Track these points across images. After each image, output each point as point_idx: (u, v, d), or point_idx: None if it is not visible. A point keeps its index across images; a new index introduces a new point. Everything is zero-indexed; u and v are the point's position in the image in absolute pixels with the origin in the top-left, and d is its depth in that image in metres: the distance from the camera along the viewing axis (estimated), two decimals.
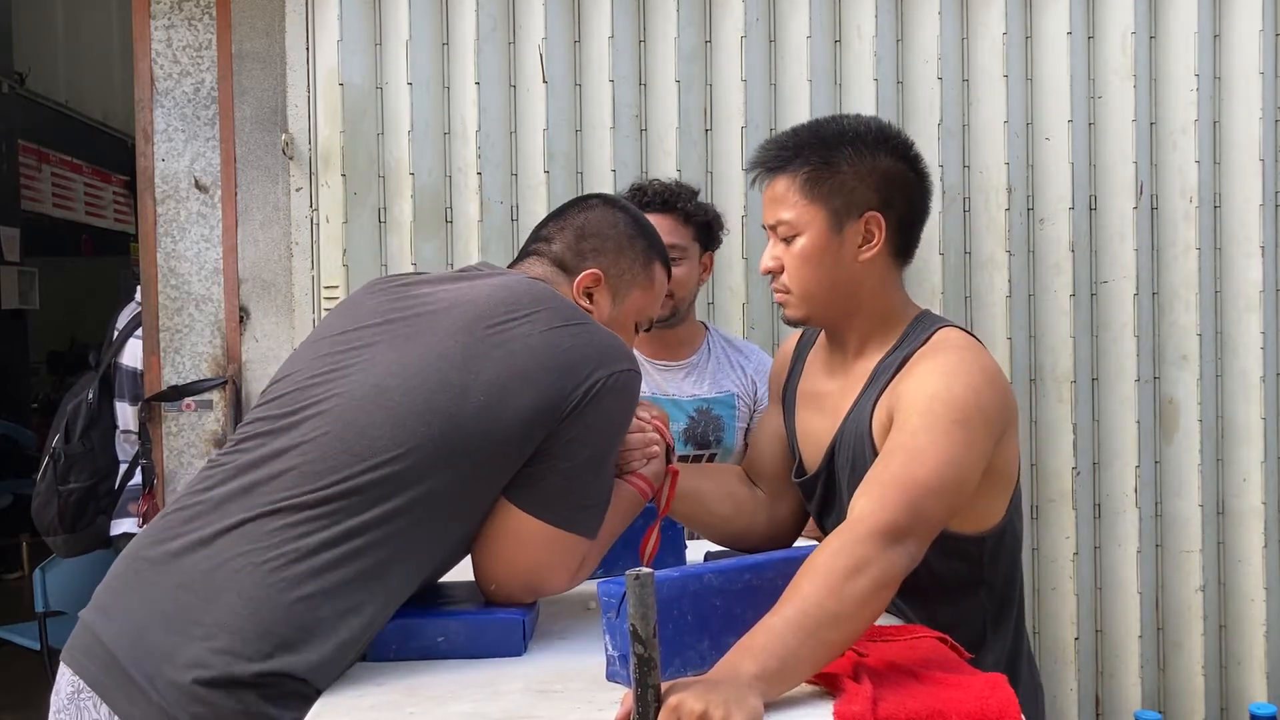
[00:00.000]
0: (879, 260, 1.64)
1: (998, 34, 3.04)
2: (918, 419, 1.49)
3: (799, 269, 1.63)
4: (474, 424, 1.40)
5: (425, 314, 1.50)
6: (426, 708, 1.28)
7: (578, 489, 1.48)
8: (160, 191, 3.03)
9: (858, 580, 1.32)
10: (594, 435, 1.47)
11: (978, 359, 1.57)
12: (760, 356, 2.66)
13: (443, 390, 1.41)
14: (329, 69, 2.91)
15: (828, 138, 1.62)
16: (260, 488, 1.39)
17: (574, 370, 1.44)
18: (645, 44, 3.03)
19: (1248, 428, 3.12)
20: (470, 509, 1.46)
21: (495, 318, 1.47)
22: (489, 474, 1.44)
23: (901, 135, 1.67)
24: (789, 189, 1.62)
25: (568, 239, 1.67)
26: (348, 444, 1.39)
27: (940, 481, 1.44)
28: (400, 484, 1.38)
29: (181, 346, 3.04)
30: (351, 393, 1.43)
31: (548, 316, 1.49)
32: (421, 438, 1.39)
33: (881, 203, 1.61)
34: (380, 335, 1.49)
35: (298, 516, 1.36)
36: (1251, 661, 3.13)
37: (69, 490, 3.17)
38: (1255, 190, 3.09)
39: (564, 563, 1.49)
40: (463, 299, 1.51)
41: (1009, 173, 3.03)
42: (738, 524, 1.81)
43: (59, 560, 3.52)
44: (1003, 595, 1.67)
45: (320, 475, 1.38)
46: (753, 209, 3.01)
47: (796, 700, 1.26)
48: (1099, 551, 3.11)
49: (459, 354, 1.43)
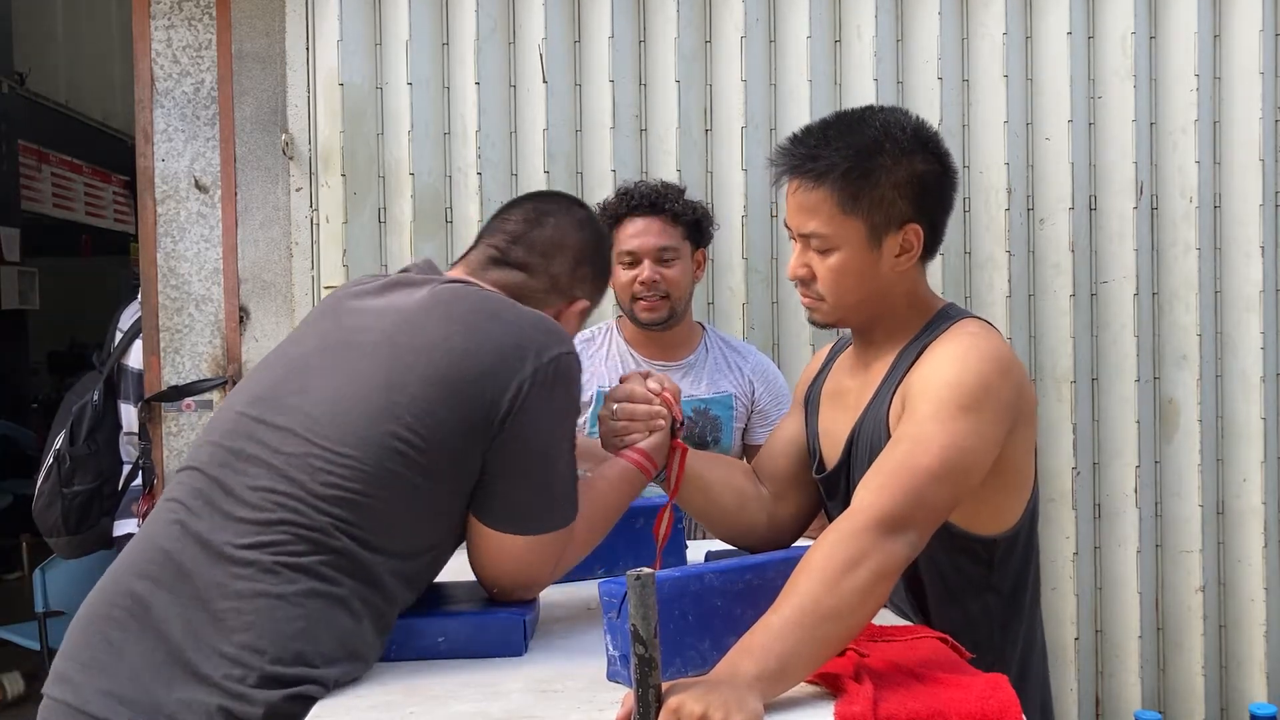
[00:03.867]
0: (911, 265, 1.60)
1: (998, 34, 3.04)
2: (926, 407, 1.46)
3: (836, 281, 1.57)
4: (410, 446, 1.37)
5: (355, 340, 1.46)
6: (427, 707, 1.28)
7: (540, 492, 1.45)
8: (160, 191, 3.03)
9: (856, 574, 1.30)
10: (539, 435, 1.43)
11: (991, 346, 1.52)
12: (758, 358, 2.66)
13: (375, 417, 1.38)
14: (329, 69, 2.91)
15: (863, 145, 1.53)
16: (216, 532, 1.36)
17: (498, 376, 1.40)
18: (645, 44, 3.03)
19: (1248, 428, 3.12)
20: (432, 522, 1.43)
21: (417, 332, 1.43)
22: (441, 488, 1.41)
23: (933, 132, 1.60)
24: (823, 201, 1.53)
25: (557, 268, 1.60)
26: (294, 483, 1.36)
27: (943, 468, 1.41)
28: (348, 520, 1.36)
29: (181, 346, 3.04)
30: (292, 429, 1.40)
31: (468, 318, 1.44)
32: (357, 468, 1.36)
33: (917, 211, 1.56)
34: (320, 361, 1.46)
35: (245, 570, 1.32)
36: (1251, 661, 3.13)
37: (73, 493, 3.17)
38: (1255, 190, 3.09)
39: (550, 558, 1.49)
40: (390, 313, 1.47)
41: (1009, 173, 3.03)
42: (739, 518, 1.77)
43: (59, 560, 3.52)
44: (1011, 601, 1.64)
45: (271, 524, 1.35)
46: (753, 209, 3.01)
47: (797, 700, 1.26)
48: (1099, 551, 3.11)
49: (383, 376, 1.40)
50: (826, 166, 1.53)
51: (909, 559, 1.37)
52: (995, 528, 1.59)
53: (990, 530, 1.58)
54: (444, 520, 1.45)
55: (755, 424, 2.57)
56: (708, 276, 3.01)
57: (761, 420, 2.57)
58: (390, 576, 1.39)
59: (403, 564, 1.40)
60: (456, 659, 1.44)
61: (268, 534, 1.34)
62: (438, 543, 1.46)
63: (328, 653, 1.32)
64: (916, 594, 1.62)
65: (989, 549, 1.59)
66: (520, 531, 1.45)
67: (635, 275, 2.47)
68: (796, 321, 3.04)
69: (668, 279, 2.48)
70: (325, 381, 1.43)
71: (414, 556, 1.42)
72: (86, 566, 3.57)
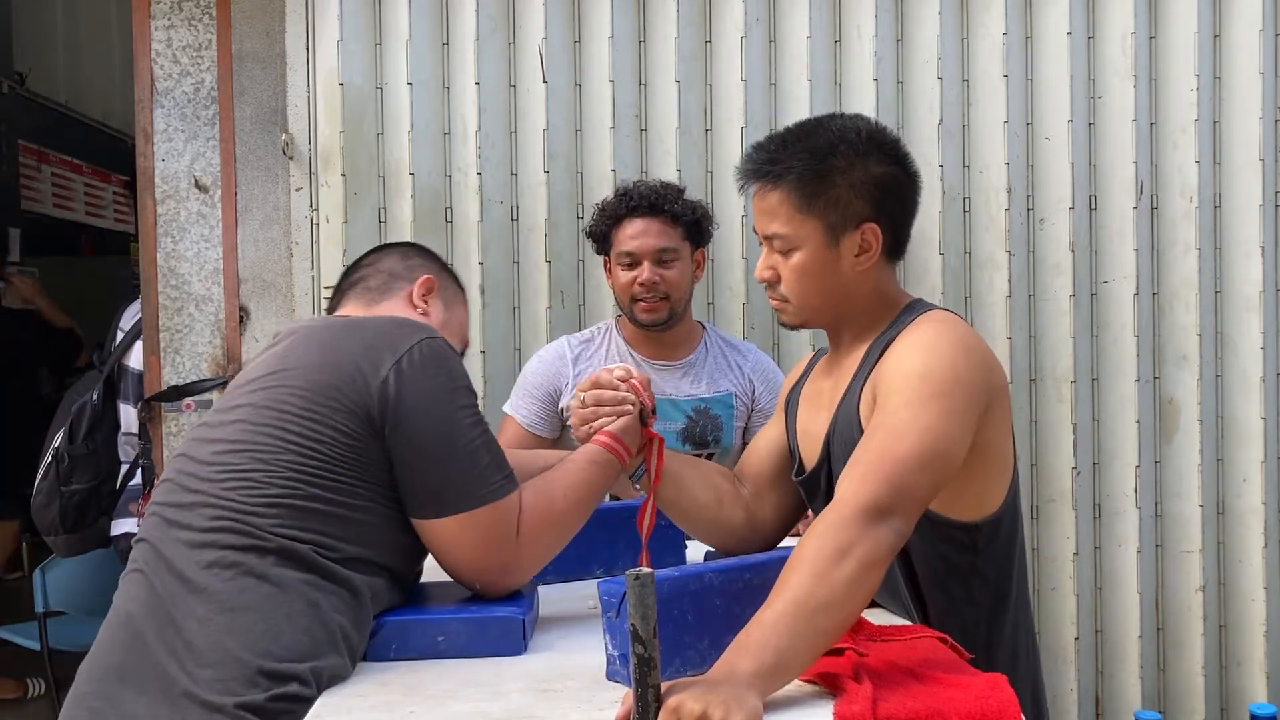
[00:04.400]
0: (874, 264, 1.64)
1: (998, 34, 3.04)
2: (897, 396, 1.48)
3: (797, 282, 1.63)
4: (311, 452, 1.42)
5: (252, 375, 1.54)
6: (427, 707, 1.28)
7: (448, 469, 1.46)
8: (160, 191, 3.03)
9: (845, 563, 1.31)
10: (427, 418, 1.45)
11: (954, 331, 1.55)
12: (758, 356, 2.66)
13: (273, 434, 1.44)
14: (329, 69, 2.91)
15: (818, 148, 1.59)
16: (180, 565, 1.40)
17: (359, 379, 1.44)
18: (645, 44, 3.03)
19: (1248, 428, 3.12)
20: (362, 517, 1.45)
21: (289, 357, 1.51)
22: (353, 485, 1.44)
23: (891, 136, 1.66)
24: (781, 202, 1.60)
25: (388, 266, 1.73)
26: (222, 499, 1.41)
27: (921, 454, 1.42)
28: (281, 521, 1.40)
29: (181, 346, 3.04)
30: (209, 460, 1.46)
31: (324, 335, 1.52)
32: (277, 478, 1.41)
33: (876, 211, 1.60)
34: (243, 399, 1.52)
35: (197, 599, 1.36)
36: (1251, 661, 3.13)
37: (71, 492, 3.17)
38: (1255, 190, 3.09)
39: (498, 535, 1.48)
40: (275, 354, 1.55)
41: (1009, 173, 3.03)
42: (716, 514, 1.78)
43: (59, 560, 3.52)
44: (997, 588, 1.65)
45: (211, 544, 1.40)
46: (752, 210, 3.00)
47: (797, 700, 1.26)
48: (1099, 551, 3.11)
49: (271, 402, 1.46)
50: (783, 170, 1.60)
51: (896, 546, 1.39)
52: (977, 513, 1.60)
53: (973, 515, 1.60)
54: (374, 515, 1.46)
55: (755, 423, 2.57)
56: (708, 276, 3.01)
57: (761, 419, 2.57)
58: (343, 569, 1.41)
59: (356, 560, 1.43)
60: (456, 658, 1.44)
61: (210, 552, 1.39)
62: (384, 540, 1.47)
63: (301, 649, 1.34)
64: (905, 579, 1.62)
65: (972, 535, 1.60)
66: (447, 512, 1.46)
67: (634, 276, 2.47)
68: None
69: (667, 280, 2.47)
70: (233, 415, 1.50)
71: (363, 548, 1.44)
72: (86, 567, 3.57)
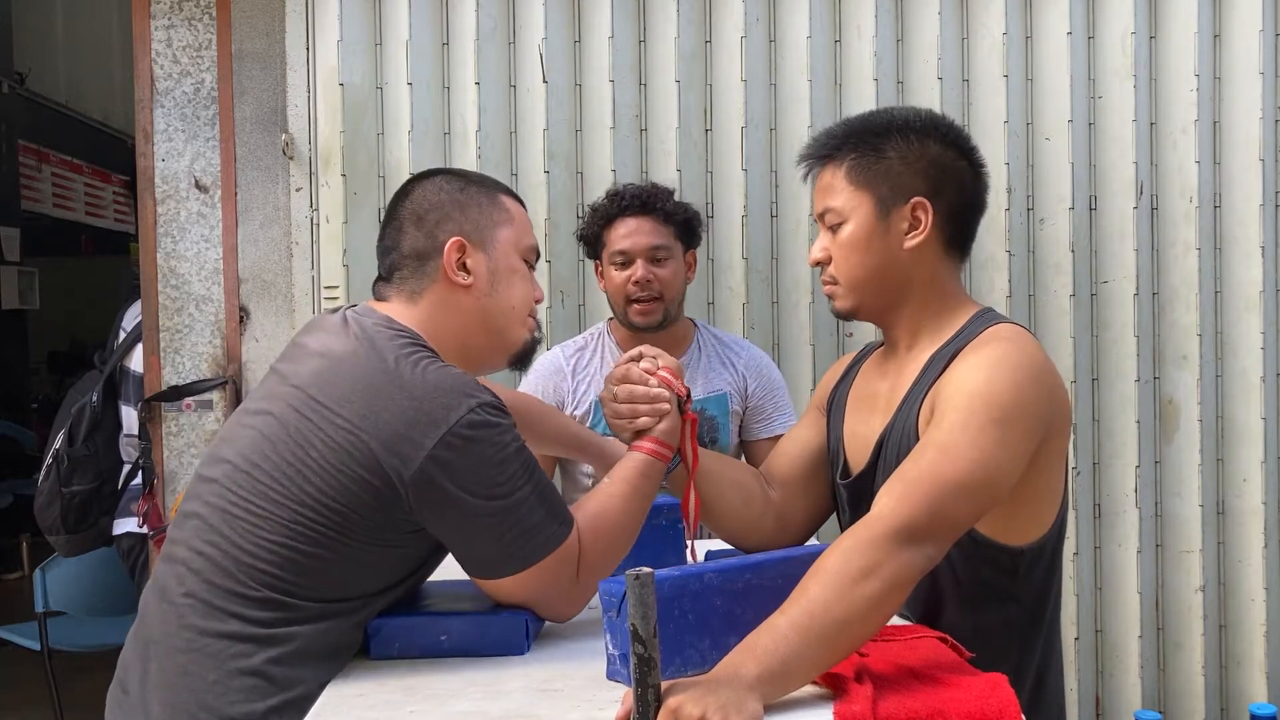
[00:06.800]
0: (928, 250, 1.59)
1: (998, 34, 3.04)
2: (954, 415, 1.43)
3: (845, 257, 1.60)
4: (321, 506, 1.38)
5: (276, 392, 1.47)
6: (428, 706, 1.28)
7: (500, 537, 1.42)
8: (160, 191, 3.03)
9: (868, 584, 1.28)
10: (478, 500, 1.39)
11: (1025, 353, 1.49)
12: (751, 351, 2.65)
13: (286, 472, 1.39)
14: (329, 69, 2.91)
15: (875, 126, 1.62)
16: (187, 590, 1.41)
17: (400, 449, 1.37)
18: (645, 44, 3.03)
19: (1248, 428, 3.12)
20: (357, 572, 1.42)
21: (326, 386, 1.42)
22: (357, 543, 1.40)
23: (954, 125, 1.65)
24: (835, 176, 1.61)
25: (410, 245, 1.56)
26: (238, 561, 1.39)
27: (969, 481, 1.38)
28: (269, 570, 1.38)
29: (181, 346, 3.04)
30: (217, 479, 1.44)
31: (372, 380, 1.40)
32: (274, 521, 1.38)
33: (930, 190, 1.58)
34: (251, 422, 1.47)
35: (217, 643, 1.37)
36: (1251, 661, 3.13)
37: (72, 493, 3.17)
38: (1255, 190, 3.09)
39: (564, 574, 1.46)
40: (310, 359, 1.47)
41: (1009, 173, 3.03)
42: (744, 516, 1.74)
43: (59, 560, 3.52)
44: (1033, 613, 1.59)
45: (196, 572, 1.40)
46: (753, 209, 3.01)
47: (797, 700, 1.26)
48: (1099, 551, 3.11)
49: (289, 437, 1.40)
50: (840, 143, 1.62)
51: (924, 571, 1.35)
52: (1024, 538, 1.55)
53: (1019, 540, 1.54)
54: (369, 570, 1.43)
55: (750, 419, 2.57)
56: (708, 276, 3.01)
57: (755, 415, 2.57)
58: (323, 620, 1.39)
59: (334, 609, 1.41)
60: (458, 657, 1.44)
61: (195, 581, 1.39)
62: (369, 590, 1.44)
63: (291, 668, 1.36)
64: (930, 601, 1.58)
65: (1015, 559, 1.55)
66: (502, 575, 1.44)
67: (629, 275, 2.47)
68: (796, 322, 3.04)
69: (661, 278, 2.47)
70: (244, 433, 1.46)
71: (344, 601, 1.42)
72: (86, 567, 3.58)
